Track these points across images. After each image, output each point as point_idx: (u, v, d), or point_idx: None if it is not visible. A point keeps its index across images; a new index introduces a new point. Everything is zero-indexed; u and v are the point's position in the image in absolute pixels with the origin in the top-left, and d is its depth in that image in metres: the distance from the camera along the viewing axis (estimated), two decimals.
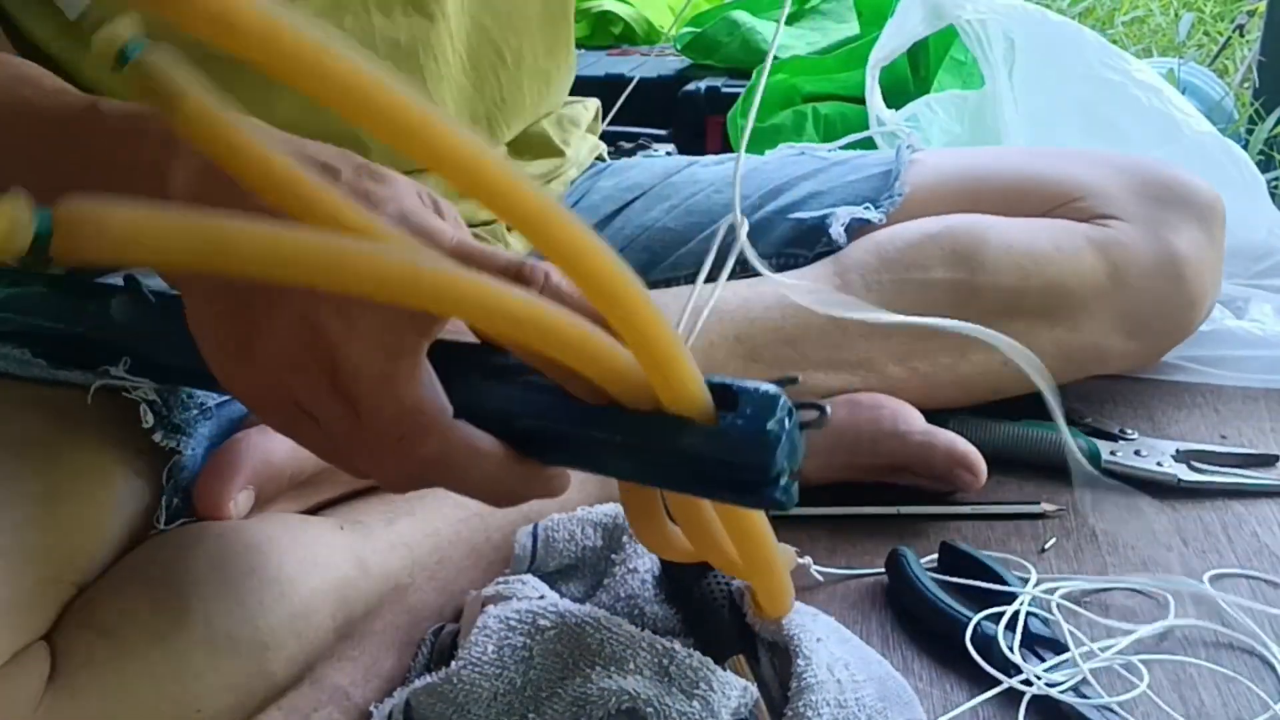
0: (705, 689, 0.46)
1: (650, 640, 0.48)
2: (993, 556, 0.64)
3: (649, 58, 1.48)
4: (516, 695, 0.47)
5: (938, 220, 0.75)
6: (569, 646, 0.48)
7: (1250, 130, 1.37)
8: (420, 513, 0.59)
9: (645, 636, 0.48)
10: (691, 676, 0.47)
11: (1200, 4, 2.43)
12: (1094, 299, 0.74)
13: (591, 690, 0.46)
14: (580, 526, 0.57)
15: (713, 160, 0.87)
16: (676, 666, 0.47)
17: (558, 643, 0.48)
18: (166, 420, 0.52)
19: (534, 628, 0.48)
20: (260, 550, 0.50)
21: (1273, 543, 0.69)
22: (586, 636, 0.48)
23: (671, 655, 0.47)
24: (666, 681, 0.47)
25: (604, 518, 0.57)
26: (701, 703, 0.46)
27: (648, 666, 0.47)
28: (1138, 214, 0.76)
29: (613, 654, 0.47)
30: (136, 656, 0.44)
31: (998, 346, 0.49)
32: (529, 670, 0.47)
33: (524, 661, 0.47)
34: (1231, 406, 0.85)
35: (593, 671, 0.47)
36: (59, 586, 0.46)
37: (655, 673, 0.47)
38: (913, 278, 0.73)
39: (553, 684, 0.47)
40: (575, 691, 0.46)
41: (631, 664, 0.47)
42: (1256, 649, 0.59)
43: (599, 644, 0.47)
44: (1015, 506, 0.71)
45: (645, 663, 0.47)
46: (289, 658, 0.49)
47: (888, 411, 0.70)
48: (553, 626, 0.48)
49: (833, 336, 0.71)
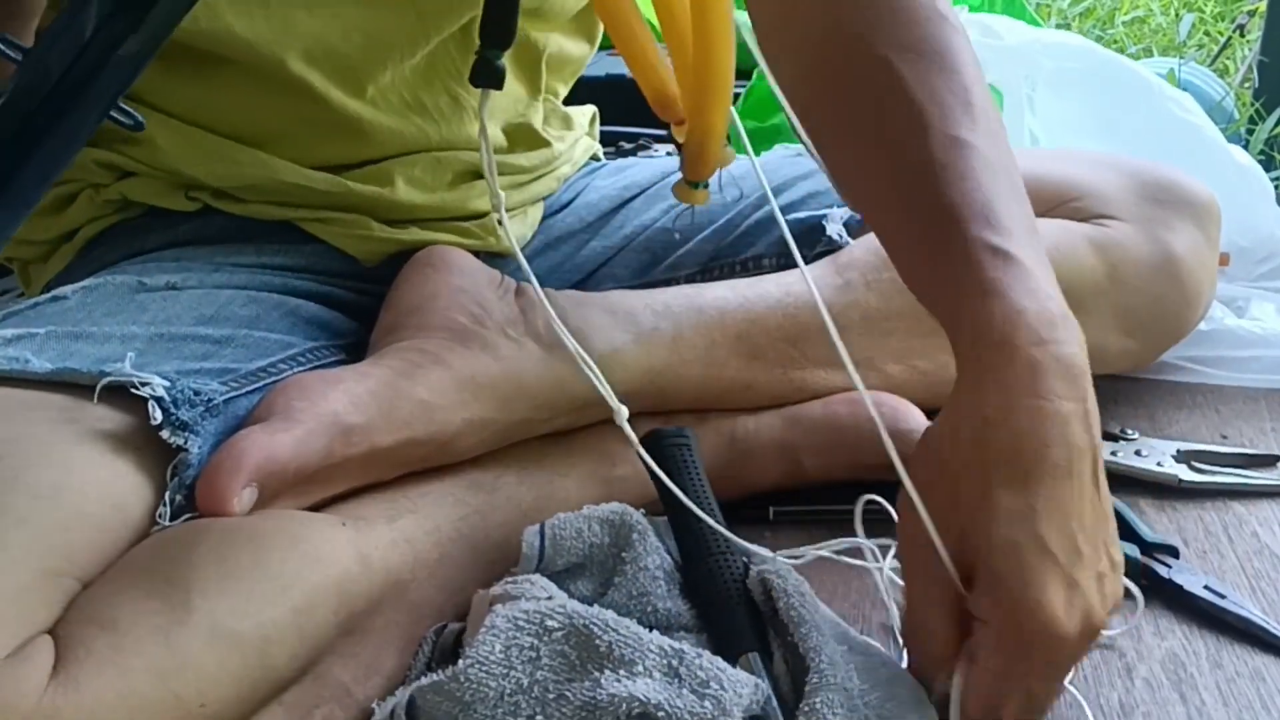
0: (716, 688, 0.46)
1: (659, 642, 0.48)
2: None
3: None
4: (523, 695, 0.46)
5: None
6: (577, 648, 0.48)
7: (1250, 130, 1.37)
8: (422, 510, 0.59)
9: (654, 638, 0.48)
10: (702, 677, 0.47)
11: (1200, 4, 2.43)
12: (1092, 298, 0.74)
13: (601, 696, 0.46)
14: (587, 524, 0.57)
15: None
16: (686, 667, 0.47)
17: (565, 644, 0.48)
18: (173, 417, 0.52)
19: (542, 628, 0.48)
20: (263, 546, 0.50)
21: (1273, 543, 0.69)
22: (594, 638, 0.48)
23: (681, 656, 0.47)
24: (677, 683, 0.47)
25: (611, 514, 0.57)
26: (714, 702, 0.46)
27: (657, 669, 0.47)
28: (1135, 214, 0.76)
29: (621, 656, 0.47)
30: (140, 650, 0.44)
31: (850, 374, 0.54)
32: (536, 670, 0.47)
33: (531, 661, 0.47)
34: (1232, 406, 0.86)
35: (601, 675, 0.47)
36: (62, 580, 0.47)
37: (665, 674, 0.47)
38: None
39: (560, 685, 0.47)
40: (584, 696, 0.46)
41: (640, 666, 0.47)
42: (1257, 649, 0.59)
43: (607, 646, 0.47)
44: None
45: (655, 664, 0.47)
46: (291, 653, 0.49)
47: (888, 410, 0.70)
48: (560, 627, 0.48)
49: None
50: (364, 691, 0.52)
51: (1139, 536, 0.65)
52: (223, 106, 0.68)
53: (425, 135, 0.72)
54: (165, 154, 0.68)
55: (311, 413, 0.56)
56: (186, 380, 0.54)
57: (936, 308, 0.54)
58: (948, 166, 0.53)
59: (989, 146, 0.54)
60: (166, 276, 0.64)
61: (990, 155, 0.53)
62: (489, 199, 0.75)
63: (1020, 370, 0.48)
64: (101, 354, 0.55)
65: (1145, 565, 0.63)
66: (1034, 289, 0.50)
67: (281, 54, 0.65)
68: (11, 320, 0.59)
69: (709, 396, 0.70)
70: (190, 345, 0.59)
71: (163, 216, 0.70)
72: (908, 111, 0.54)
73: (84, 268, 0.69)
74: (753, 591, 0.54)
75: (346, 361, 0.65)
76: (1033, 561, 0.46)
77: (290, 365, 0.62)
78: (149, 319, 0.60)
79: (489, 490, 0.62)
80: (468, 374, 0.62)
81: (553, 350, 0.65)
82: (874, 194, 0.58)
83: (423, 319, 0.65)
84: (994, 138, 0.55)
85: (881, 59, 0.56)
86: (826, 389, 0.72)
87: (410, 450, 0.60)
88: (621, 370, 0.66)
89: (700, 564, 0.56)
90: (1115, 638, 0.60)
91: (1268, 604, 0.63)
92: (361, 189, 0.70)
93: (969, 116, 0.54)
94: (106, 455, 0.51)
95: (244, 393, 0.58)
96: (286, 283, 0.68)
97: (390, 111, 0.70)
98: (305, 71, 0.66)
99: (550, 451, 0.66)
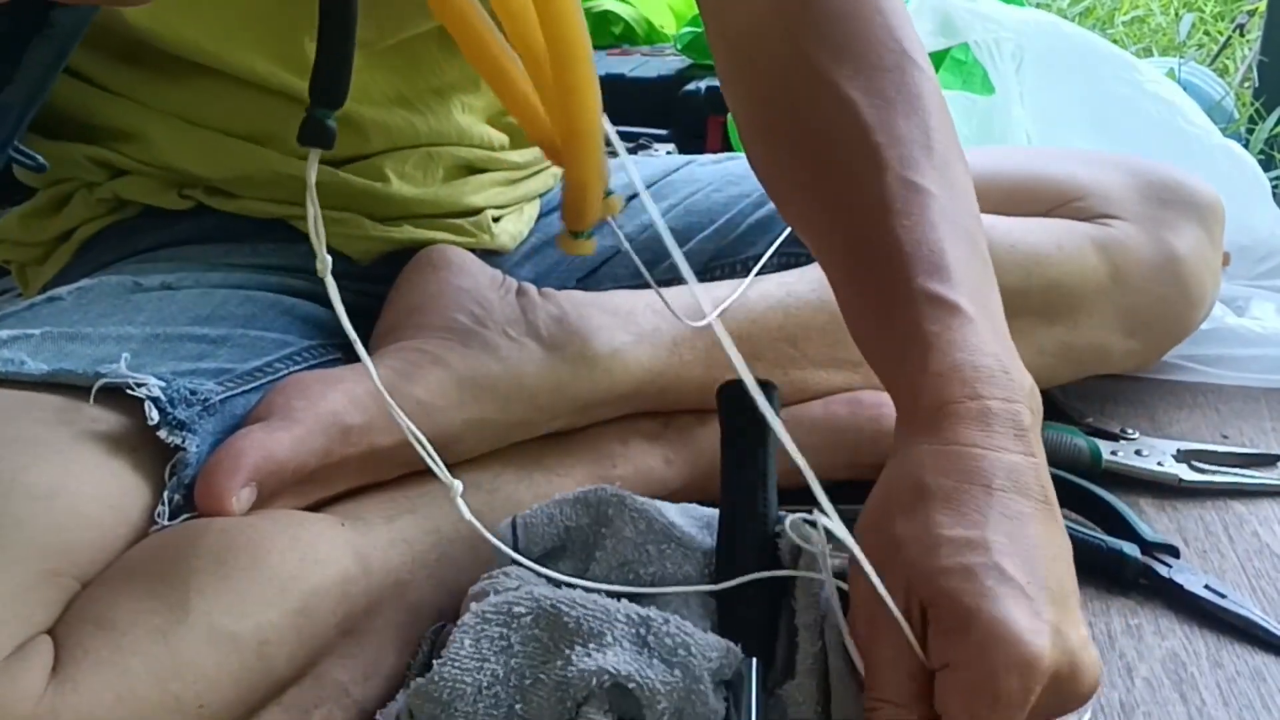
0: (684, 654, 0.46)
1: (626, 611, 0.48)
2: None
3: (650, 58, 1.48)
4: (501, 686, 0.46)
5: None
6: (547, 629, 0.48)
7: (1250, 130, 1.37)
8: (421, 510, 0.59)
9: (621, 607, 0.48)
10: (670, 644, 0.47)
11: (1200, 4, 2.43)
12: (1095, 298, 0.74)
13: (572, 673, 0.46)
14: (559, 509, 0.56)
15: (711, 159, 0.87)
16: (654, 635, 0.47)
17: (535, 627, 0.48)
18: (170, 417, 0.52)
19: (509, 615, 0.48)
20: (262, 546, 0.49)
21: (1274, 542, 0.69)
22: (562, 615, 0.47)
23: (648, 624, 0.47)
24: (646, 652, 0.46)
25: (584, 494, 0.56)
26: (683, 669, 0.46)
27: (625, 638, 0.47)
28: (1139, 214, 0.76)
29: (590, 630, 0.47)
30: (139, 651, 0.44)
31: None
32: (510, 659, 0.47)
33: (503, 651, 0.47)
34: (1232, 406, 0.86)
35: (572, 651, 0.47)
36: (60, 581, 0.46)
37: (634, 643, 0.47)
38: None
39: (535, 669, 0.47)
40: (557, 675, 0.46)
41: (609, 636, 0.47)
42: (1257, 649, 0.59)
43: (575, 622, 0.47)
44: None
45: (623, 634, 0.47)
46: (290, 653, 0.48)
47: (889, 410, 0.70)
48: (529, 612, 0.48)
49: (834, 335, 0.71)
50: (363, 692, 0.51)
51: (1139, 536, 0.65)
52: (211, 105, 0.68)
53: (413, 128, 0.72)
54: (158, 149, 0.68)
55: (310, 412, 0.56)
56: (182, 380, 0.54)
57: (875, 357, 0.52)
58: (901, 211, 0.51)
59: (947, 196, 0.52)
60: (162, 276, 0.64)
61: (947, 204, 0.52)
62: (480, 196, 0.76)
63: (959, 427, 0.45)
64: (97, 355, 0.55)
65: (1146, 565, 0.63)
66: (977, 344, 0.48)
67: (245, 55, 0.66)
68: (7, 322, 0.59)
69: (710, 397, 0.70)
70: (186, 345, 0.59)
71: (157, 216, 0.70)
72: (867, 151, 0.53)
73: (80, 269, 0.69)
74: (783, 553, 0.53)
75: (343, 361, 0.64)
76: (990, 583, 0.41)
77: (287, 364, 0.62)
78: (144, 319, 0.59)
79: (488, 490, 0.62)
80: (468, 374, 0.62)
81: (553, 351, 0.65)
82: (822, 226, 0.57)
83: (423, 319, 0.65)
84: (954, 188, 0.53)
85: (845, 98, 0.54)
86: (827, 389, 0.72)
87: (410, 450, 0.59)
88: (622, 370, 0.66)
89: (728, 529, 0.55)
90: (1116, 637, 0.60)
91: (1268, 603, 0.63)
92: (354, 180, 0.70)
93: (929, 163, 0.53)
94: (103, 456, 0.50)
95: (241, 392, 0.58)
96: (282, 282, 0.68)
97: (372, 104, 0.70)
98: (276, 70, 0.66)
99: (550, 451, 0.66)
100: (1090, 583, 0.64)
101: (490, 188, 0.77)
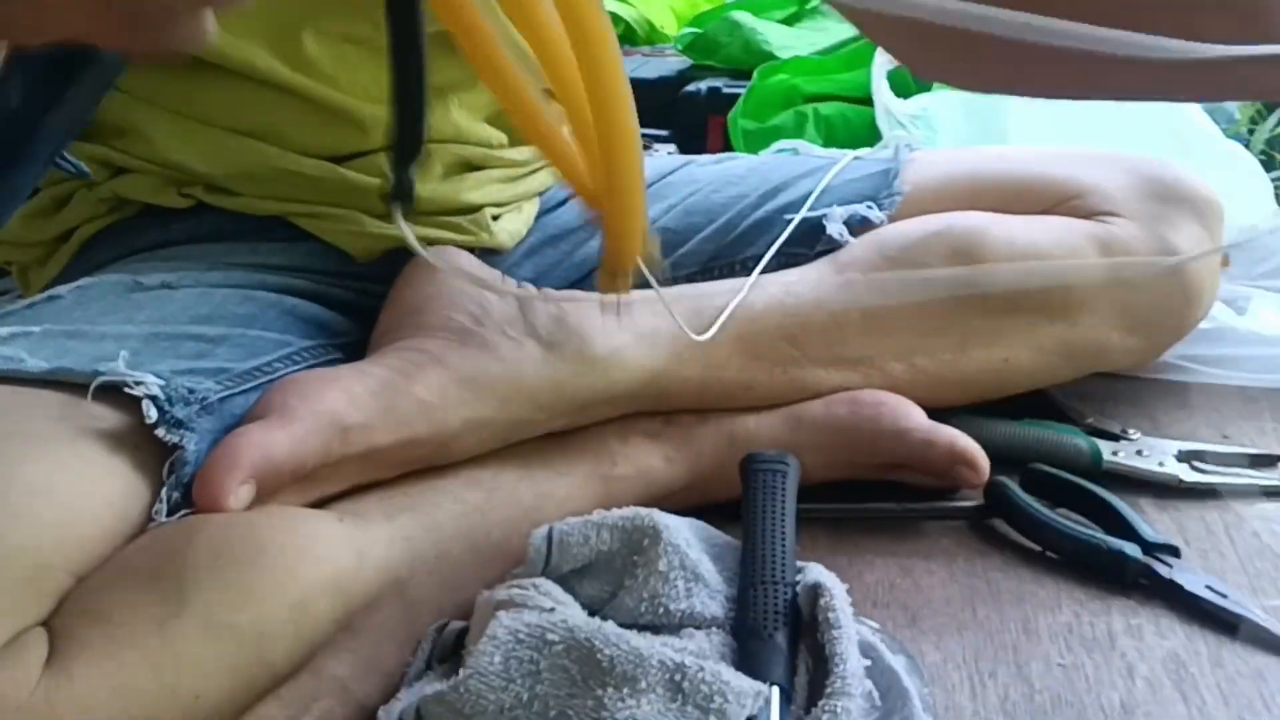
0: (720, 701, 0.46)
1: (660, 656, 0.48)
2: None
3: (650, 58, 1.48)
4: (523, 710, 0.46)
5: (939, 218, 0.75)
6: (577, 662, 0.47)
7: (1251, 130, 1.37)
8: (421, 507, 0.59)
9: (656, 651, 0.48)
10: (706, 691, 0.46)
11: None
12: (1094, 295, 0.74)
13: (605, 717, 0.46)
14: (595, 530, 0.56)
15: (710, 159, 0.87)
16: (689, 681, 0.47)
17: (566, 658, 0.48)
18: (168, 415, 0.52)
19: (542, 641, 0.48)
20: (259, 540, 0.50)
21: (1274, 542, 0.68)
22: (596, 652, 0.47)
23: (684, 670, 0.47)
24: (681, 699, 0.46)
25: (622, 520, 0.57)
26: (718, 716, 0.46)
27: (660, 684, 0.47)
28: (1138, 211, 0.76)
29: (624, 673, 0.47)
30: (134, 643, 0.44)
31: None
32: (536, 685, 0.47)
33: (531, 675, 0.47)
34: (1233, 406, 0.85)
35: (604, 693, 0.46)
36: (56, 575, 0.46)
37: (667, 690, 0.47)
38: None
39: (561, 701, 0.47)
40: (587, 717, 0.46)
41: (643, 683, 0.47)
42: (1258, 649, 0.59)
43: (609, 661, 0.47)
44: None
45: (656, 680, 0.47)
46: (288, 648, 0.49)
47: (889, 409, 0.70)
48: (560, 641, 0.48)
49: (833, 334, 0.71)
50: (362, 688, 0.51)
51: (1140, 536, 0.65)
52: (210, 101, 0.68)
53: None
54: (158, 146, 0.68)
55: (309, 411, 0.56)
56: (181, 379, 0.54)
57: None
58: None
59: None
60: (161, 275, 0.64)
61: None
62: (479, 194, 0.76)
63: None
64: (96, 353, 0.55)
65: (1147, 565, 0.63)
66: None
67: (245, 51, 0.66)
68: (7, 320, 0.59)
69: (709, 397, 0.70)
70: (185, 344, 0.59)
71: (157, 216, 0.70)
72: None
73: (80, 269, 0.69)
74: (800, 600, 0.54)
75: (343, 360, 0.64)
76: None
77: (286, 364, 0.62)
78: (144, 318, 0.60)
79: (488, 488, 0.62)
80: (467, 374, 0.62)
81: (552, 350, 0.65)
82: None
83: (422, 319, 0.65)
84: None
85: None
86: (827, 388, 0.72)
87: (409, 450, 0.60)
88: (621, 371, 0.66)
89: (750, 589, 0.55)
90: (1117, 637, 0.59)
91: (1269, 604, 0.62)
92: (354, 177, 0.70)
93: None
94: (102, 453, 0.51)
95: (239, 391, 0.58)
96: (282, 281, 0.68)
97: (371, 101, 0.70)
98: (276, 66, 0.67)
99: (550, 450, 0.66)
100: (1091, 582, 0.64)
101: (489, 185, 0.77)
